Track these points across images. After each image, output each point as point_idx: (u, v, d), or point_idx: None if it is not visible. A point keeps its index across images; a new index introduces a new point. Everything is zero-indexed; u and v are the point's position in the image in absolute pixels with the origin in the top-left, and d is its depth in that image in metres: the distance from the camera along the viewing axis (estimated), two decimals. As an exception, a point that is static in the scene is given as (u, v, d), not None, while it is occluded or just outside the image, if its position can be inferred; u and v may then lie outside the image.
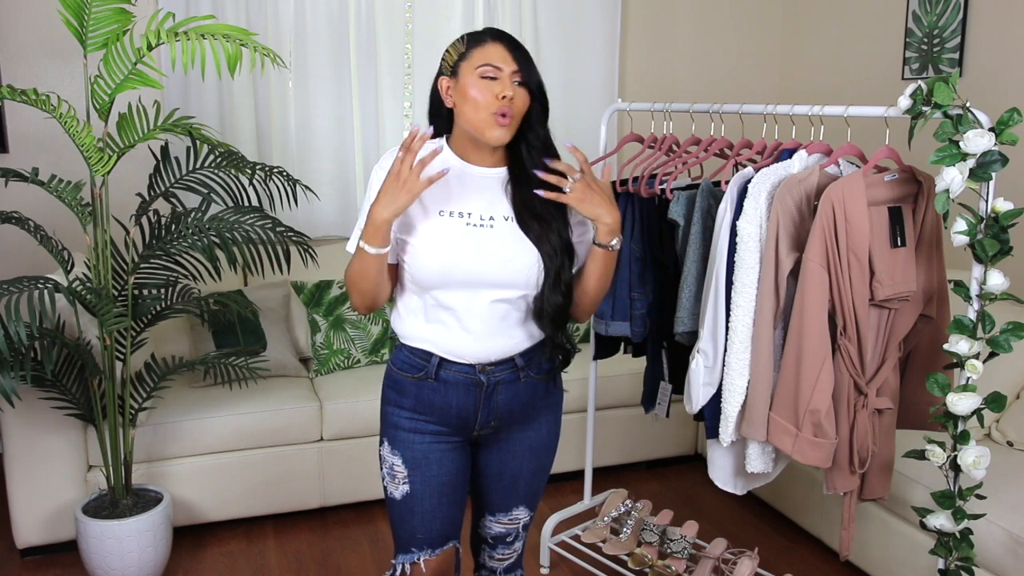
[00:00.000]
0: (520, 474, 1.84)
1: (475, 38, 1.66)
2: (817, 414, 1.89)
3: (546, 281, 1.66)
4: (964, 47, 3.17)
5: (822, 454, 1.92)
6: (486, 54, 1.64)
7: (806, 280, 1.87)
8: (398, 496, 1.75)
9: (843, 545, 2.07)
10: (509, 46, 1.65)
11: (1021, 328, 1.72)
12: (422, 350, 1.69)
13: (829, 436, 1.91)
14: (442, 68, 1.69)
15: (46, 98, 2.34)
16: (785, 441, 1.94)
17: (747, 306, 1.96)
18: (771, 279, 1.93)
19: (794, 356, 1.91)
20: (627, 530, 2.61)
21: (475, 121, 1.64)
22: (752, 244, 1.95)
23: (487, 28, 1.71)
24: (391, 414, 1.75)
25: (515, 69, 1.64)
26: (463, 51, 1.66)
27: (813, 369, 1.88)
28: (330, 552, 2.90)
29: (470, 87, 1.63)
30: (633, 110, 2.56)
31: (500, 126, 1.63)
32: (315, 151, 3.61)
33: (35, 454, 2.70)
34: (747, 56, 4.16)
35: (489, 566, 1.95)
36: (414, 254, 1.64)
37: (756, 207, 1.95)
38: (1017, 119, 1.69)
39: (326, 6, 3.51)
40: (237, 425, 2.92)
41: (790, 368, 1.92)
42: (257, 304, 3.13)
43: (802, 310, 1.89)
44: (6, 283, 2.31)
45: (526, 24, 3.72)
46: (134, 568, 2.55)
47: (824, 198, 1.85)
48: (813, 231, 1.86)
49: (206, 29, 2.30)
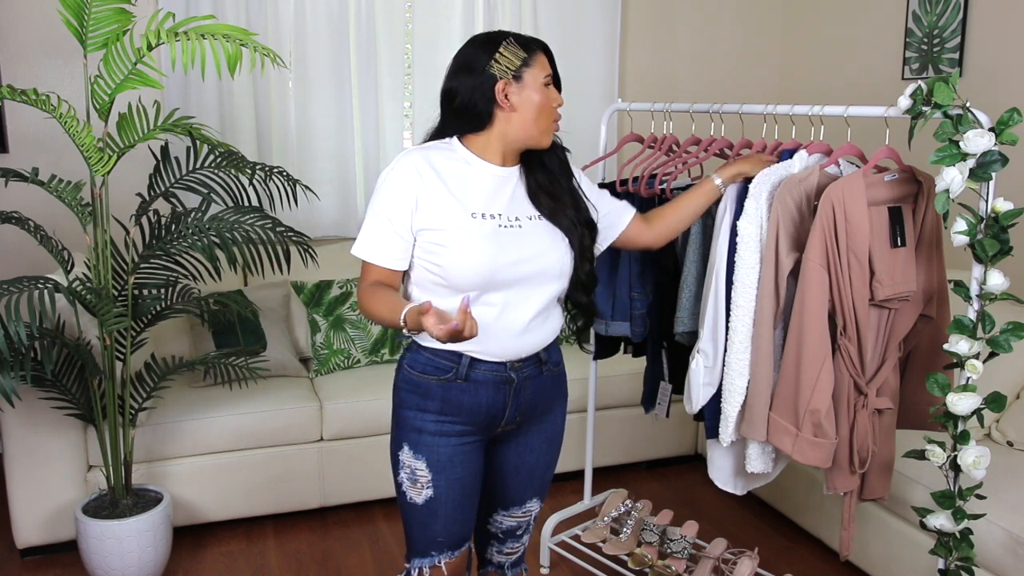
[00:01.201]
0: (537, 466, 1.87)
1: (531, 45, 1.71)
2: (817, 414, 1.89)
3: (573, 253, 1.74)
4: (964, 47, 3.17)
5: (822, 454, 1.92)
6: (543, 63, 1.71)
7: (806, 280, 1.87)
8: (420, 501, 1.73)
9: (843, 545, 2.07)
10: (549, 56, 1.74)
11: (1021, 328, 1.72)
12: (449, 351, 1.68)
13: (829, 436, 1.91)
14: (498, 71, 1.66)
15: (46, 98, 2.34)
16: (785, 441, 1.94)
17: (747, 306, 1.96)
18: (771, 279, 1.93)
19: (794, 356, 1.91)
20: (627, 530, 2.61)
21: (535, 127, 1.70)
22: (752, 244, 1.95)
23: (528, 36, 1.76)
24: (413, 418, 1.73)
25: (556, 77, 1.75)
26: (525, 56, 1.67)
27: (813, 369, 1.88)
28: (330, 552, 2.90)
29: (537, 93, 1.69)
30: (633, 110, 2.56)
31: (554, 132, 1.76)
32: (315, 151, 3.61)
33: (35, 454, 2.70)
34: (747, 56, 4.16)
35: (496, 561, 1.96)
36: (451, 257, 1.63)
37: (757, 207, 1.95)
38: (1017, 119, 1.69)
39: (326, 6, 3.51)
40: (237, 425, 2.92)
41: (790, 368, 1.92)
42: (257, 304, 3.13)
43: (802, 310, 1.89)
44: (6, 283, 2.31)
45: (526, 24, 3.72)
46: (134, 568, 2.55)
47: (824, 198, 1.85)
48: (813, 231, 1.86)
49: (206, 29, 2.30)
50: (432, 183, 1.65)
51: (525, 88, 1.68)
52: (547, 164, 1.77)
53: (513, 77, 1.68)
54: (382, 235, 1.66)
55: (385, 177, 1.68)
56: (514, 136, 1.70)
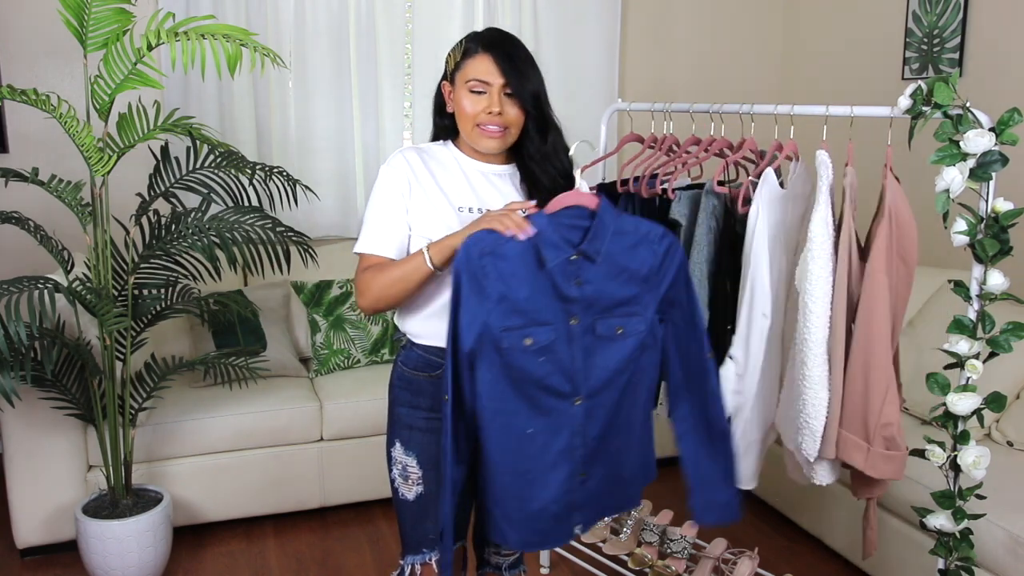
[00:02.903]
0: None
1: (469, 48, 1.67)
2: (890, 427, 1.82)
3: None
4: (964, 47, 3.17)
5: (896, 466, 1.86)
6: (476, 68, 1.65)
7: (874, 289, 1.80)
8: (411, 497, 1.74)
9: (870, 544, 2.01)
10: (500, 58, 1.64)
11: (1021, 328, 1.72)
12: (441, 348, 1.67)
13: (901, 448, 1.85)
14: (445, 72, 1.70)
15: (46, 98, 2.34)
16: (857, 457, 1.86)
17: (823, 314, 1.85)
18: (845, 285, 1.85)
19: (861, 367, 1.83)
20: (627, 530, 2.61)
21: (466, 131, 1.68)
22: (826, 246, 1.84)
23: (485, 32, 1.71)
24: (405, 416, 1.74)
25: (503, 83, 1.64)
26: (458, 60, 1.67)
27: (883, 381, 1.82)
28: (330, 552, 2.90)
29: (461, 99, 1.67)
30: (633, 110, 2.56)
31: (487, 137, 1.67)
32: (315, 151, 3.61)
33: (35, 454, 2.70)
34: (747, 56, 4.16)
35: (494, 562, 1.96)
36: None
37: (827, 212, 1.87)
38: (1017, 119, 1.69)
39: (326, 6, 3.51)
40: (237, 425, 2.92)
41: (858, 380, 1.84)
42: (257, 304, 3.13)
43: (870, 320, 1.81)
44: (6, 283, 2.31)
45: (526, 24, 3.72)
46: (134, 568, 2.55)
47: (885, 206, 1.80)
48: (878, 239, 1.80)
49: (206, 29, 2.30)
50: (423, 176, 1.68)
51: (457, 90, 1.68)
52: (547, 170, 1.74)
53: (450, 78, 1.70)
54: (381, 226, 1.67)
55: (381, 172, 1.70)
56: (463, 135, 1.71)
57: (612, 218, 1.60)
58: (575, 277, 1.57)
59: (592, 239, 1.57)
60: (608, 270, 1.59)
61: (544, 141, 1.71)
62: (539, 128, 1.70)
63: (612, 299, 1.61)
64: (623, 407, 1.68)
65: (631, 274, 1.62)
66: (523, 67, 1.66)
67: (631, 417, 1.71)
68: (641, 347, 1.65)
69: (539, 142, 1.71)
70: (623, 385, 1.65)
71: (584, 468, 1.66)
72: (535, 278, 1.55)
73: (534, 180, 1.72)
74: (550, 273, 1.55)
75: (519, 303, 1.55)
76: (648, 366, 1.69)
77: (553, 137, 1.73)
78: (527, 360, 1.56)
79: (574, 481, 1.65)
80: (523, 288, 1.55)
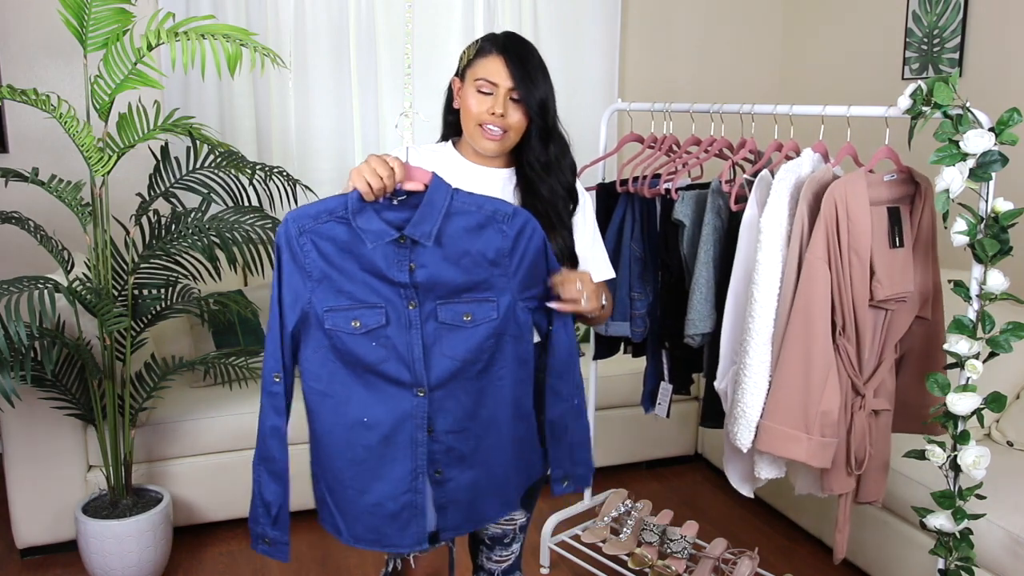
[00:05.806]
0: None
1: (484, 47, 1.68)
2: (829, 415, 1.84)
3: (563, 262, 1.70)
4: (964, 47, 3.17)
5: (829, 454, 1.89)
6: (486, 68, 1.65)
7: (811, 278, 1.83)
8: None
9: (838, 548, 2.05)
10: (511, 61, 1.64)
11: (1021, 328, 1.72)
12: None
13: (837, 436, 1.88)
14: (457, 69, 1.71)
15: (46, 98, 2.34)
16: (796, 449, 1.87)
17: (769, 305, 1.90)
18: (794, 279, 1.88)
19: (800, 356, 1.85)
20: (627, 530, 2.61)
21: (467, 129, 1.69)
22: (776, 241, 1.89)
23: (502, 35, 1.71)
24: None
25: (511, 87, 1.64)
26: (471, 57, 1.68)
27: (822, 369, 1.84)
28: (330, 552, 2.90)
29: (468, 96, 1.68)
30: (633, 110, 2.56)
31: (487, 139, 1.67)
32: (315, 151, 3.61)
33: (35, 454, 2.70)
34: (747, 56, 4.16)
35: (487, 568, 1.95)
36: None
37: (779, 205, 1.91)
38: (1017, 119, 1.69)
39: (326, 6, 3.51)
40: (237, 425, 2.92)
41: (795, 369, 1.86)
42: (257, 304, 3.12)
43: (808, 309, 1.83)
44: (6, 283, 2.31)
45: (526, 24, 3.72)
46: (134, 568, 2.55)
47: (827, 195, 1.83)
48: (816, 228, 1.84)
49: (206, 29, 2.30)
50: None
51: (466, 87, 1.69)
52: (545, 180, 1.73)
53: (461, 74, 1.71)
54: None
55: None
56: (464, 133, 1.72)
57: (443, 198, 1.51)
58: (407, 260, 1.49)
59: (417, 222, 1.49)
60: (446, 253, 1.51)
61: (545, 150, 1.71)
62: (541, 137, 1.70)
63: (454, 284, 1.52)
64: (484, 403, 1.57)
65: (475, 258, 1.52)
66: (533, 74, 1.66)
67: (497, 414, 1.59)
68: (495, 336, 1.54)
69: (540, 151, 1.70)
70: (476, 377, 1.55)
71: (439, 467, 1.57)
72: (359, 260, 1.49)
73: (530, 188, 1.72)
74: (371, 256, 1.48)
75: (342, 284, 1.49)
76: (513, 358, 1.57)
77: (556, 148, 1.73)
78: (357, 344, 1.51)
79: (420, 480, 1.57)
80: (346, 269, 1.49)
